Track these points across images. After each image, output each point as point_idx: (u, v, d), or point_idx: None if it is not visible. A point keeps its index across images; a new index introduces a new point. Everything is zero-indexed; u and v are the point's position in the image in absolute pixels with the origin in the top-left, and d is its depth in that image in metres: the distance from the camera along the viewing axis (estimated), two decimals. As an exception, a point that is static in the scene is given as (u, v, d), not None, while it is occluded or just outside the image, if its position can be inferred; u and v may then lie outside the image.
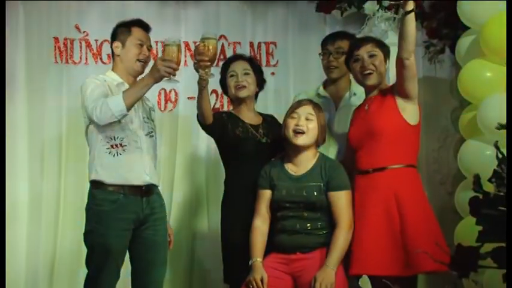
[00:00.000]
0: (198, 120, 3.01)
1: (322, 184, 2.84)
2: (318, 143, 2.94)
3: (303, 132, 2.87)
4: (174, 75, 2.72)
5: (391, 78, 3.15)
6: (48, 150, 3.88)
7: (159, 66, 2.69)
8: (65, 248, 3.81)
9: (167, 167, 3.93)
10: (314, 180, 2.86)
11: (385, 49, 2.95)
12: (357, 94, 3.20)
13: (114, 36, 3.02)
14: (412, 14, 2.66)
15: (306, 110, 2.91)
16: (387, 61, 2.94)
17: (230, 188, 3.08)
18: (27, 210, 3.83)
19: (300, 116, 2.90)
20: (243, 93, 3.09)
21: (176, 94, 4.04)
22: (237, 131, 3.04)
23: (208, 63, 2.77)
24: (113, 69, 3.01)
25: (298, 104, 2.96)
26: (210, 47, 2.75)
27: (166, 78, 2.73)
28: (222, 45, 4.05)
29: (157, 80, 2.74)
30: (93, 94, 2.82)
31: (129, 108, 2.77)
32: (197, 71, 2.79)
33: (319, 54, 3.33)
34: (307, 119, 2.89)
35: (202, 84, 2.82)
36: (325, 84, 3.33)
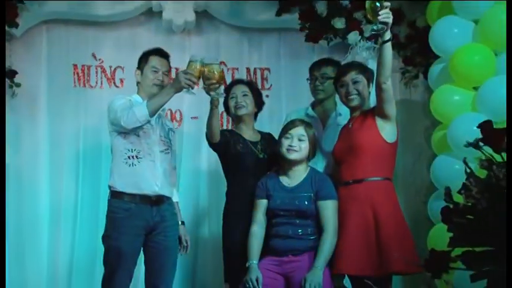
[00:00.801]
0: (207, 138, 3.01)
1: (312, 194, 2.86)
2: (309, 158, 2.96)
3: (296, 150, 2.89)
4: (193, 87, 2.75)
5: (373, 100, 3.18)
6: (67, 165, 3.88)
7: (181, 78, 2.72)
8: (82, 252, 3.80)
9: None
10: (305, 191, 2.87)
11: (368, 74, 2.94)
12: (342, 114, 3.20)
13: (138, 65, 3.08)
14: (389, 43, 2.69)
15: (299, 132, 2.92)
16: (370, 84, 2.94)
17: (231, 198, 3.08)
18: (49, 218, 3.83)
19: (293, 136, 2.91)
20: (241, 112, 3.11)
21: (181, 114, 4.04)
22: (238, 146, 3.05)
23: (217, 85, 2.80)
24: (137, 93, 3.06)
25: (292, 125, 2.97)
26: (215, 71, 2.79)
27: (185, 89, 2.75)
28: (222, 71, 4.09)
29: (178, 90, 2.77)
30: (121, 105, 2.88)
31: (152, 115, 2.80)
32: (208, 94, 2.82)
33: (307, 79, 3.34)
34: (299, 140, 2.91)
35: (214, 104, 2.86)
36: (314, 105, 3.34)
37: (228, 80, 3.90)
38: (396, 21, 3.87)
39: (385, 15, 2.60)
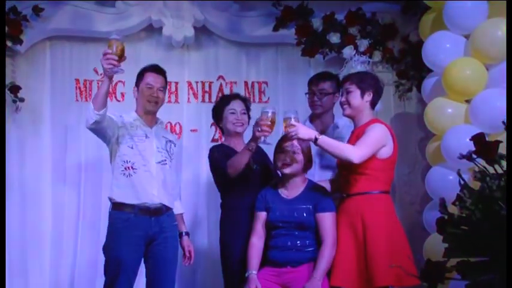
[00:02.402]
0: (225, 170, 2.93)
1: (310, 206, 2.84)
2: (305, 169, 2.94)
3: (290, 164, 2.89)
4: (116, 66, 2.64)
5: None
6: (69, 177, 3.88)
7: (102, 63, 2.65)
8: (83, 263, 3.79)
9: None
10: (304, 203, 2.86)
11: (363, 85, 2.86)
12: (339, 127, 3.20)
13: (135, 82, 3.07)
14: (318, 142, 2.72)
15: (293, 145, 2.90)
16: (367, 94, 2.86)
17: (227, 209, 3.07)
18: (51, 230, 3.82)
19: (288, 151, 2.90)
20: (241, 129, 3.13)
21: (180, 127, 4.04)
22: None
23: (268, 134, 2.80)
24: (135, 110, 3.06)
25: (286, 138, 2.92)
26: (270, 120, 2.81)
27: (115, 71, 2.65)
28: (220, 84, 4.08)
29: (107, 74, 2.68)
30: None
31: (99, 108, 2.73)
32: (257, 137, 2.80)
33: (306, 93, 3.34)
34: (293, 152, 2.89)
35: (252, 147, 2.84)
36: (311, 118, 3.33)
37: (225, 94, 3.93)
38: (390, 36, 3.95)
39: (289, 133, 2.71)
